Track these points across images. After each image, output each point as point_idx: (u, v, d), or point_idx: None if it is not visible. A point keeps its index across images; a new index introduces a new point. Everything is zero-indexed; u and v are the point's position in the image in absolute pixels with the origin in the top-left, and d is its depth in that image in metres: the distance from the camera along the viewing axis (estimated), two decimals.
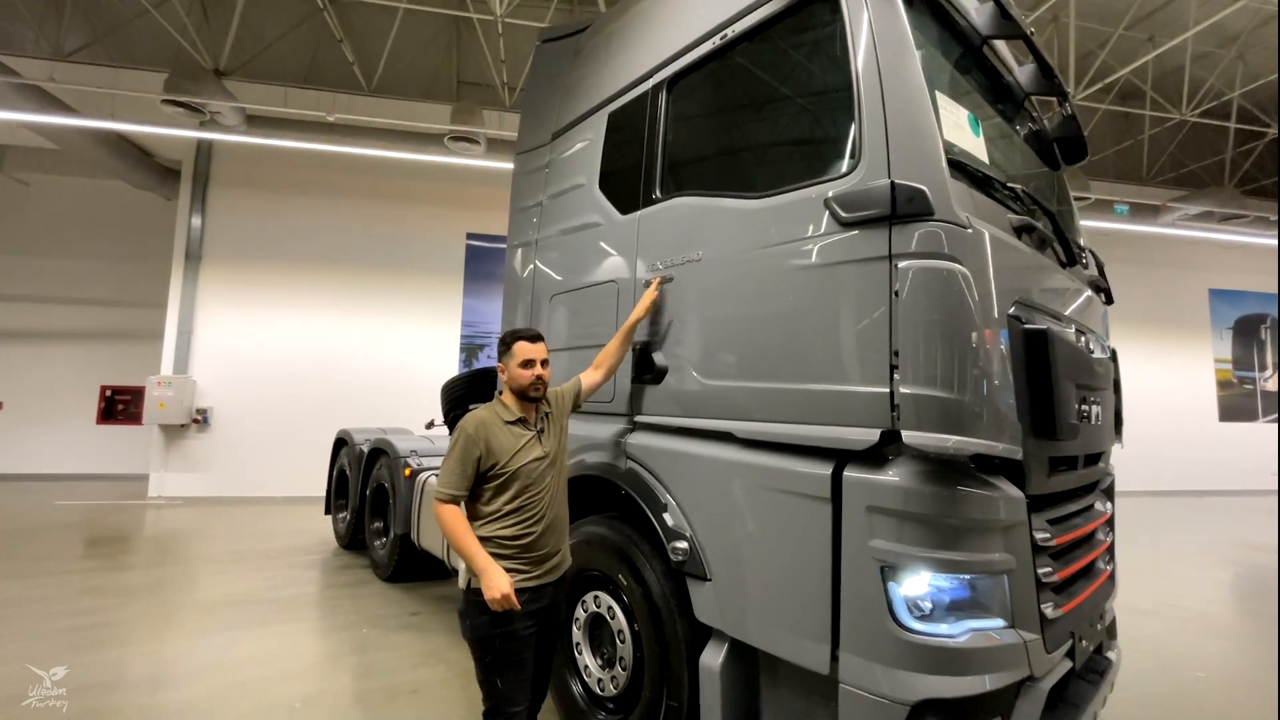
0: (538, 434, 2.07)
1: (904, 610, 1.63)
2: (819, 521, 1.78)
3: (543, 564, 2.01)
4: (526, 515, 1.98)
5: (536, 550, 1.99)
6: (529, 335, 2.12)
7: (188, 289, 9.38)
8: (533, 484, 2.00)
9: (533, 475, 2.00)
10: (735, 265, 2.13)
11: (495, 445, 1.96)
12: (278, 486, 9.27)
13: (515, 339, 2.11)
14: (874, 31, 1.84)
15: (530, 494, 1.99)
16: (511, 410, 2.07)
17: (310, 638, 3.90)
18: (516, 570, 1.95)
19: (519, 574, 1.95)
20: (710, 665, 2.04)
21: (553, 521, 2.05)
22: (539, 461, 2.03)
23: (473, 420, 2.00)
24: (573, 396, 2.36)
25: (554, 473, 2.09)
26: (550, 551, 2.04)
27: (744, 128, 2.39)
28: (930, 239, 1.66)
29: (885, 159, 1.75)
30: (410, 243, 10.24)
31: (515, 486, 1.97)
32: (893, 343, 1.68)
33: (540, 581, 2.00)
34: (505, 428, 2.02)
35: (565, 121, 3.29)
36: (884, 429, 1.67)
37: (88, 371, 11.79)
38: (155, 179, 10.28)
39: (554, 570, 2.06)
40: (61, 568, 5.43)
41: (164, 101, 7.07)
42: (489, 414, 2.05)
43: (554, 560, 2.06)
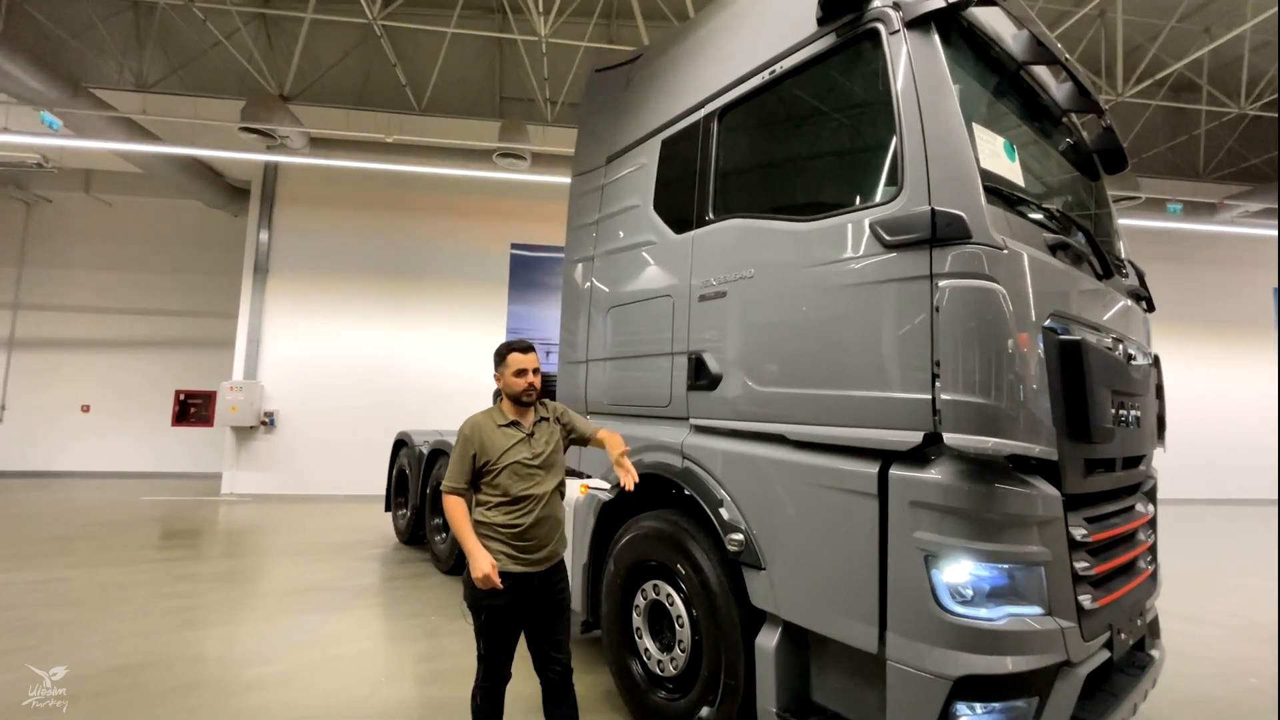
0: (528, 436, 2.27)
1: (946, 595, 1.80)
2: (867, 515, 1.97)
3: (530, 553, 2.20)
4: (516, 508, 2.20)
5: (525, 540, 2.19)
6: (521, 347, 2.34)
7: (256, 300, 10.06)
8: (521, 479, 2.20)
9: (520, 472, 2.20)
10: (786, 282, 2.34)
11: (488, 444, 2.20)
12: (337, 485, 9.83)
13: (509, 351, 2.32)
14: (914, 69, 2.02)
15: (520, 488, 2.20)
16: (505, 414, 2.29)
17: (383, 623, 4.25)
18: (505, 554, 2.17)
19: (506, 558, 2.16)
20: (765, 646, 2.24)
21: (543, 516, 2.23)
22: (527, 460, 2.22)
23: (469, 423, 2.26)
24: (582, 433, 2.50)
25: (544, 473, 2.26)
26: (539, 543, 2.22)
27: (791, 156, 2.59)
28: (968, 260, 1.83)
29: (926, 187, 1.93)
30: (458, 253, 10.73)
31: (504, 481, 2.19)
32: (934, 353, 1.86)
33: (525, 569, 2.18)
34: (498, 430, 2.24)
35: (619, 147, 3.55)
36: (926, 431, 1.85)
37: (163, 377, 12.69)
38: (225, 198, 11.08)
39: (541, 562, 2.23)
40: (156, 556, 5.98)
41: (241, 129, 7.66)
42: (484, 418, 2.29)
43: (543, 552, 2.23)
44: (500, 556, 2.16)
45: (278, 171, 10.29)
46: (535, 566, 2.22)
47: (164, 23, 9.74)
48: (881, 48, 2.12)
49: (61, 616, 4.13)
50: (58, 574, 5.14)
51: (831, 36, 2.30)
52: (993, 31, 2.37)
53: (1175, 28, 10.03)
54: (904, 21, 2.05)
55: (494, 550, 2.16)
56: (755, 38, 2.70)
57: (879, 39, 2.13)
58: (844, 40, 2.26)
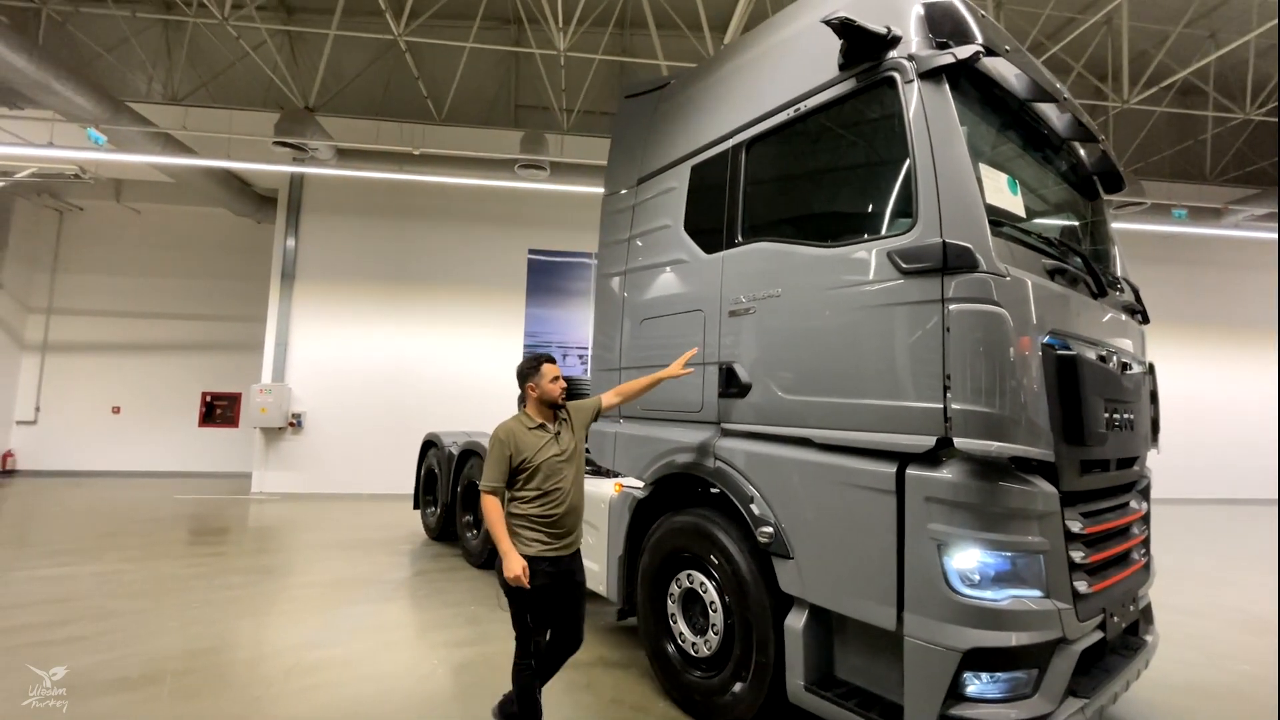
0: (555, 435, 2.58)
1: (956, 579, 2.07)
2: (885, 509, 2.24)
3: (563, 538, 2.53)
4: (550, 499, 2.50)
5: (558, 528, 2.51)
6: (549, 359, 2.68)
7: (284, 305, 10.42)
8: (553, 474, 2.50)
9: (553, 468, 2.51)
10: (810, 301, 2.61)
11: (522, 445, 2.50)
12: (362, 484, 10.18)
13: (541, 362, 2.64)
14: (927, 115, 2.29)
15: (553, 482, 2.50)
16: (533, 418, 2.60)
17: (427, 612, 4.54)
18: (542, 541, 2.48)
19: (541, 545, 2.48)
20: (794, 627, 2.51)
21: (573, 506, 2.55)
22: (558, 457, 2.54)
23: (503, 428, 2.55)
24: (593, 411, 2.89)
25: (571, 466, 2.57)
26: (568, 529, 2.55)
27: (814, 186, 2.86)
28: (975, 286, 2.10)
29: (938, 221, 2.19)
30: (477, 259, 11.05)
31: (539, 477, 2.49)
32: (945, 368, 2.12)
33: (559, 553, 2.51)
34: (528, 432, 2.55)
35: (649, 169, 3.82)
36: (939, 436, 2.12)
37: (190, 379, 13.09)
38: (251, 206, 11.45)
39: (570, 545, 2.57)
40: (203, 551, 6.32)
41: (275, 143, 8.00)
42: (514, 423, 2.59)
43: (571, 537, 2.57)
44: (536, 544, 2.48)
45: (304, 181, 10.64)
46: (566, 550, 2.55)
47: (191, 37, 10.11)
48: (897, 94, 2.38)
49: (131, 605, 4.45)
50: (116, 567, 5.48)
51: (852, 81, 2.57)
52: (997, 73, 2.63)
53: (1181, 33, 10.19)
54: (918, 72, 2.31)
55: (531, 539, 2.48)
56: (781, 77, 2.96)
57: (895, 86, 2.39)
58: (863, 85, 2.53)
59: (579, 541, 2.66)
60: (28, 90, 7.11)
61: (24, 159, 9.39)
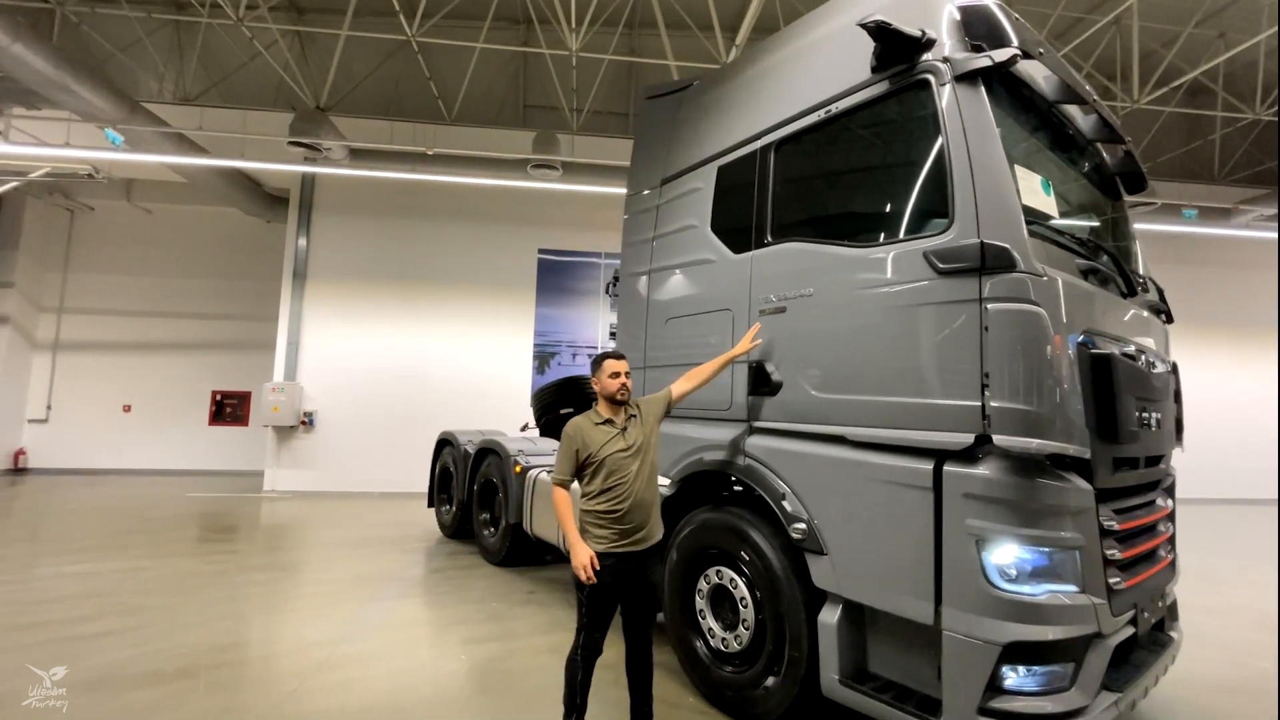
0: (621, 431, 2.59)
1: (995, 574, 2.10)
2: (922, 506, 2.27)
3: (629, 535, 2.50)
4: (615, 495, 2.50)
5: (624, 523, 2.49)
6: (614, 355, 2.70)
7: (295, 304, 10.47)
8: (618, 470, 2.51)
9: (618, 463, 2.51)
10: (844, 300, 2.64)
11: (588, 440, 2.54)
12: (373, 482, 10.23)
13: (604, 359, 2.67)
14: (963, 117, 2.32)
15: (617, 478, 2.50)
16: (600, 414, 2.63)
17: (449, 608, 4.57)
18: (607, 538, 2.48)
19: (609, 541, 2.48)
20: (828, 622, 2.55)
21: (639, 501, 2.52)
22: (623, 452, 2.53)
23: (572, 424, 2.61)
24: (664, 403, 2.86)
25: (638, 462, 2.56)
26: (637, 526, 2.51)
27: (846, 187, 2.89)
28: (1014, 286, 2.13)
29: (975, 221, 2.23)
30: (487, 259, 11.10)
31: (604, 472, 2.51)
32: (983, 366, 2.16)
33: (625, 549, 2.49)
34: (596, 427, 2.58)
35: (673, 170, 3.85)
36: (977, 433, 2.15)
37: (200, 378, 13.15)
38: (262, 206, 11.50)
39: (640, 542, 2.53)
40: (219, 548, 6.37)
41: (290, 142, 8.05)
42: (583, 419, 2.63)
43: (640, 534, 2.53)
44: (604, 540, 2.49)
45: (315, 181, 10.69)
46: (635, 546, 2.52)
47: (203, 38, 10.15)
48: (933, 96, 2.42)
49: (155, 601, 4.50)
50: (136, 564, 5.52)
51: (885, 83, 2.60)
52: (1026, 75, 2.66)
53: (1190, 33, 10.20)
54: (954, 75, 2.35)
55: (599, 535, 2.50)
56: (811, 79, 3.00)
57: (930, 88, 2.43)
58: (897, 87, 2.56)
59: (652, 539, 2.60)
60: (45, 90, 7.16)
61: (42, 159, 9.44)
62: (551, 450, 5.84)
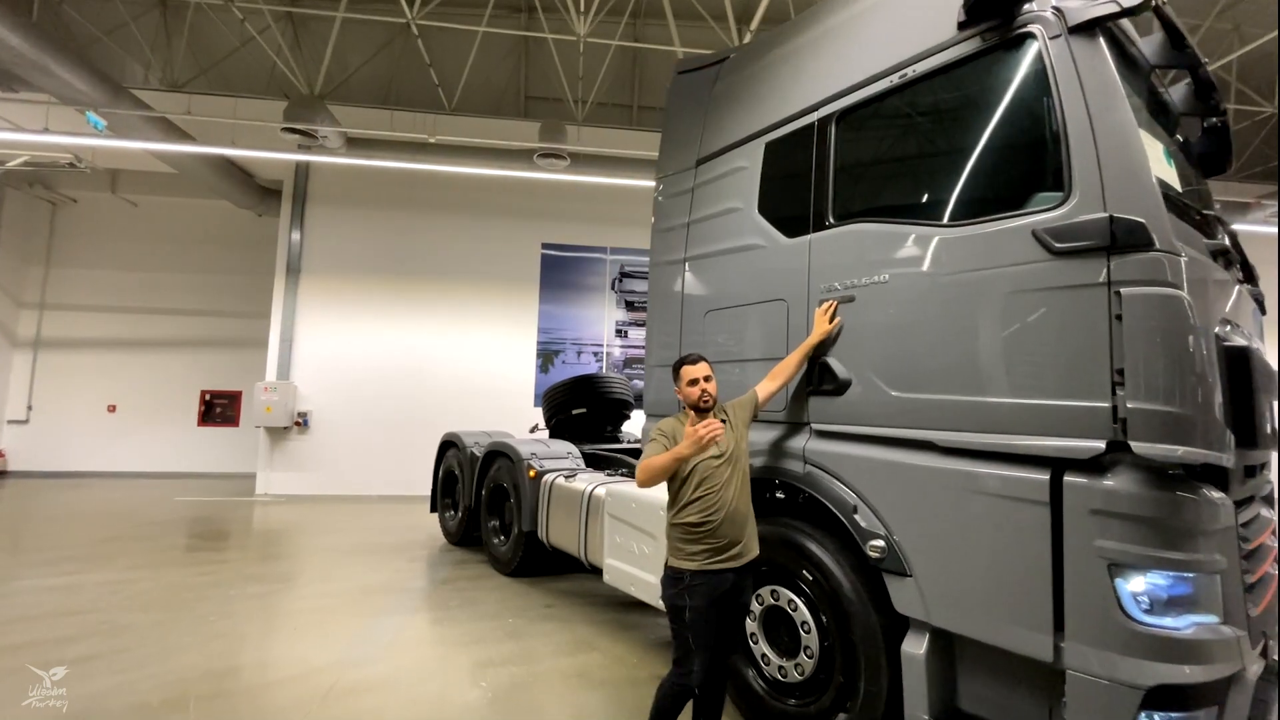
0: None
1: (1131, 604, 1.80)
2: (1036, 523, 1.96)
3: (723, 550, 2.30)
4: (707, 505, 2.30)
5: (718, 538, 2.29)
6: (691, 360, 2.51)
7: (289, 300, 10.05)
8: (709, 477, 2.32)
9: (708, 470, 2.32)
10: (929, 287, 2.33)
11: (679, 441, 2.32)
12: (372, 485, 9.84)
13: (681, 364, 2.52)
14: (1080, 74, 2.01)
15: (708, 486, 2.31)
16: (690, 421, 2.43)
17: (463, 625, 4.22)
18: (699, 554, 2.28)
19: (701, 558, 2.28)
20: (914, 654, 2.24)
21: (732, 513, 2.32)
22: (715, 459, 2.34)
23: (665, 423, 2.48)
24: (751, 406, 2.65)
25: (730, 469, 2.37)
26: (731, 540, 2.31)
27: (927, 160, 2.58)
28: (1153, 268, 1.83)
29: (1099, 194, 1.92)
30: (489, 253, 10.73)
31: (695, 480, 2.32)
32: (1113, 361, 1.85)
33: (720, 566, 2.29)
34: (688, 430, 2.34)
35: (712, 149, 3.53)
36: (1109, 439, 1.84)
37: (188, 377, 12.69)
38: (254, 198, 11.05)
39: (735, 558, 2.32)
40: (212, 557, 5.99)
41: (284, 129, 7.64)
42: (674, 421, 2.48)
43: (735, 549, 2.32)
44: (695, 557, 2.28)
45: (309, 171, 10.27)
46: (729, 563, 2.30)
47: (191, 22, 9.71)
48: (1039, 52, 2.11)
49: (143, 618, 4.13)
50: (123, 575, 5.15)
51: (976, 40, 2.29)
52: (1130, 32, 2.36)
53: (1206, 27, 9.99)
54: (1068, 27, 2.04)
55: (690, 552, 2.29)
56: (878, 41, 2.68)
57: (1036, 43, 2.12)
58: (990, 45, 2.25)
59: (748, 554, 2.39)
60: (23, 72, 6.73)
61: (18, 145, 8.97)
62: (567, 453, 5.51)
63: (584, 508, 4.40)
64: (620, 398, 6.66)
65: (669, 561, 2.38)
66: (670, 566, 2.36)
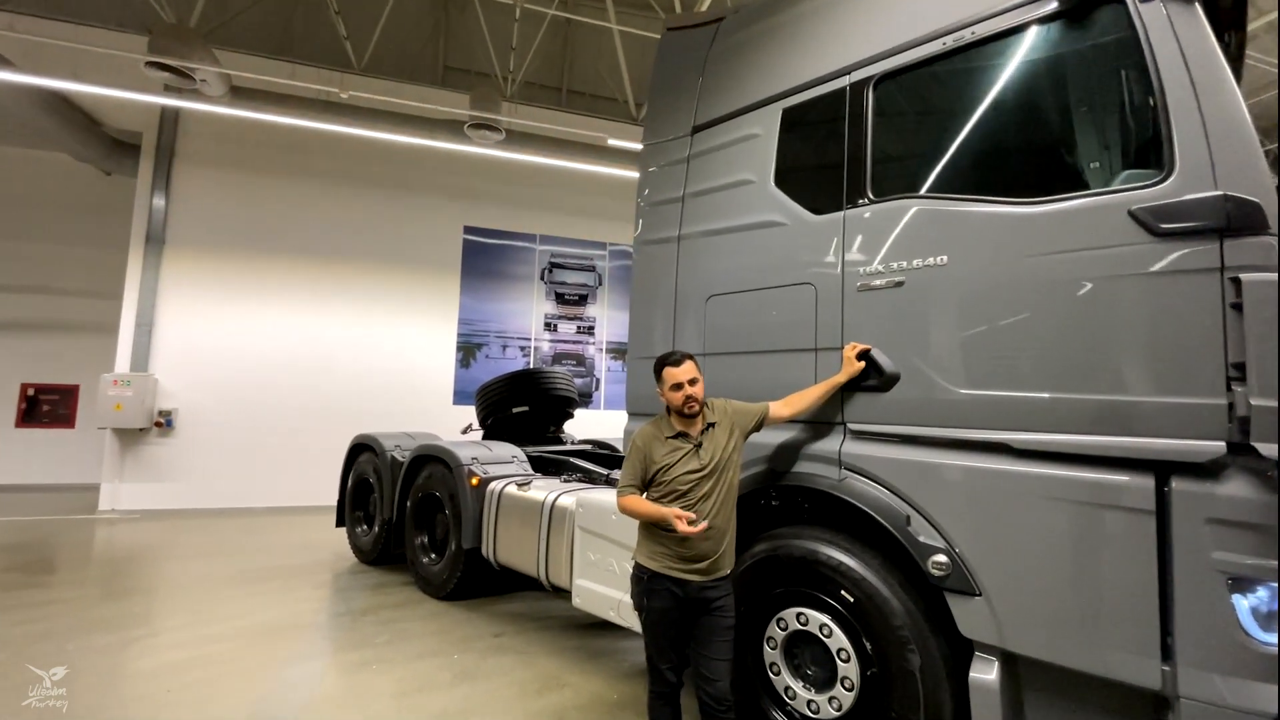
0: (695, 448, 2.25)
1: (1252, 623, 1.63)
2: (1139, 534, 1.76)
3: (689, 561, 2.20)
4: None
5: (686, 547, 2.18)
6: (674, 360, 2.32)
7: (148, 277, 8.38)
8: (688, 492, 2.20)
9: (686, 485, 2.21)
10: (999, 272, 2.08)
11: (655, 455, 2.26)
12: (255, 496, 8.45)
13: (663, 366, 2.33)
14: (1180, 40, 1.84)
15: (684, 501, 2.19)
16: (671, 426, 2.31)
17: (400, 667, 3.50)
18: (663, 556, 2.21)
19: (663, 560, 2.20)
20: (986, 683, 1.98)
21: (710, 530, 2.17)
22: (694, 473, 2.22)
23: (641, 433, 2.34)
24: (756, 418, 2.43)
25: (713, 482, 2.23)
26: (700, 554, 2.19)
27: (990, 132, 2.34)
28: (1272, 252, 1.67)
29: (1209, 171, 1.75)
30: (403, 235, 9.63)
31: (670, 494, 2.21)
32: (1228, 354, 1.68)
33: (682, 575, 2.19)
34: (665, 441, 2.28)
35: (713, 115, 3.14)
36: (1228, 441, 1.67)
37: (4, 368, 10.32)
38: (101, 151, 9.10)
39: (702, 571, 2.20)
40: (41, 596, 4.67)
41: (149, 64, 6.23)
42: (653, 429, 2.34)
43: (703, 563, 2.20)
44: (657, 558, 2.21)
45: (179, 122, 8.62)
46: (695, 576, 2.19)
47: None
48: (1128, 14, 1.93)
49: None
50: None
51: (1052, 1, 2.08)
52: None
53: None
54: None
55: (654, 551, 2.22)
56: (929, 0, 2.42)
57: (1124, 7, 1.94)
58: (1070, 6, 2.05)
59: (718, 571, 2.24)
60: None
61: None
62: (511, 457, 4.89)
63: (544, 520, 3.84)
64: (565, 394, 6.11)
65: (634, 556, 2.30)
66: (635, 563, 2.29)
